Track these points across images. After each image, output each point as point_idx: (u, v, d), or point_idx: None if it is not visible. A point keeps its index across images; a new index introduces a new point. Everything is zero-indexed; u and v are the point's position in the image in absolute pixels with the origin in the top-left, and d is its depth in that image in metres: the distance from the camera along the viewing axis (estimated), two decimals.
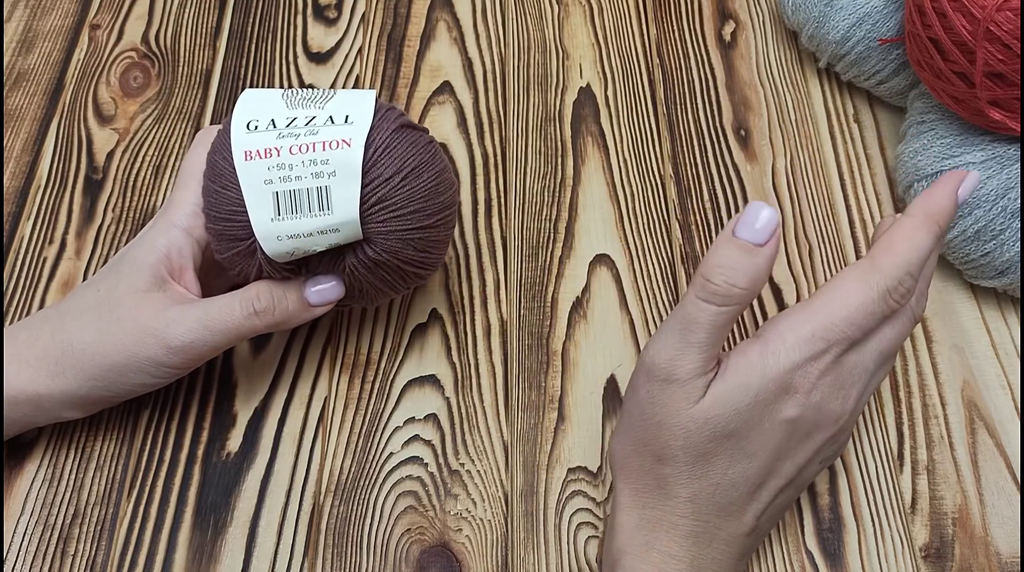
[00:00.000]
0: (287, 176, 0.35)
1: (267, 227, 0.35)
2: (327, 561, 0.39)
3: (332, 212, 0.35)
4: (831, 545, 0.40)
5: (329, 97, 0.37)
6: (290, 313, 0.38)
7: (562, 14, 0.56)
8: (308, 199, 0.35)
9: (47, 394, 0.38)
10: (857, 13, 0.47)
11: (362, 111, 0.36)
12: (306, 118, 0.36)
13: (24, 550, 0.40)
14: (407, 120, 0.38)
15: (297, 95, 0.37)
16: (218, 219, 0.37)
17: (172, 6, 0.57)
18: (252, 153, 0.35)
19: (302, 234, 0.35)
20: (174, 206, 0.39)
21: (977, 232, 0.42)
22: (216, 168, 0.37)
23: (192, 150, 0.40)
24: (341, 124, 0.35)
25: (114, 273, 0.39)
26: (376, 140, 0.36)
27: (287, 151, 0.35)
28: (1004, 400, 0.43)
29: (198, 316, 0.37)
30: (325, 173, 0.35)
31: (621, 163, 0.50)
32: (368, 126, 0.36)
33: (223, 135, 0.37)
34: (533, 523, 0.40)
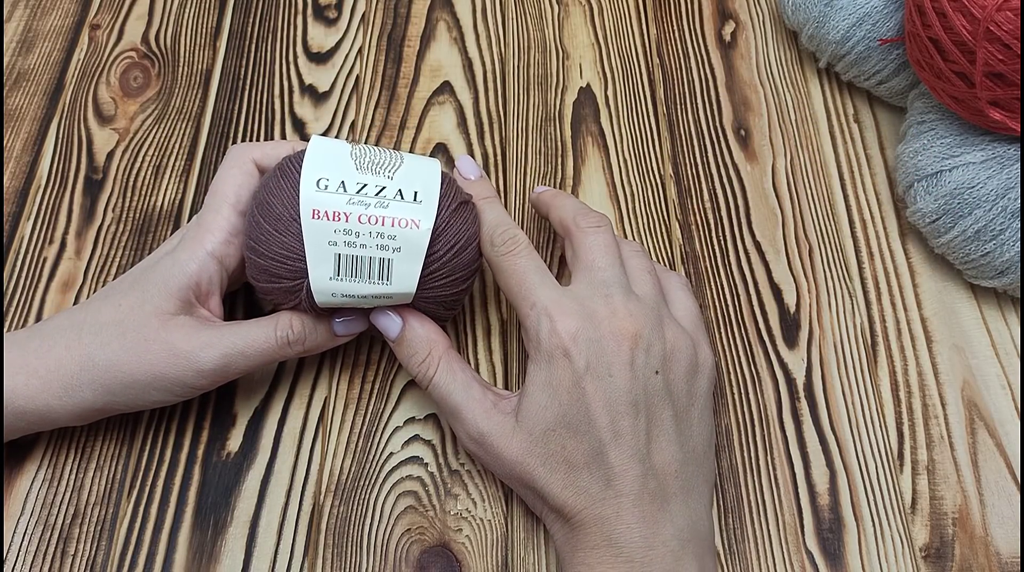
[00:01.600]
0: (352, 242, 0.36)
1: (324, 284, 0.37)
2: (327, 561, 0.39)
3: (391, 283, 0.37)
4: (831, 545, 0.40)
5: (398, 164, 0.39)
6: (319, 342, 0.40)
7: (562, 14, 0.56)
8: (370, 267, 0.37)
9: (57, 405, 0.37)
10: (857, 13, 0.47)
11: (430, 189, 0.38)
12: (376, 187, 0.37)
13: (24, 550, 0.40)
14: (461, 195, 0.40)
15: (366, 155, 0.39)
16: (265, 256, 0.37)
17: (172, 6, 0.57)
18: (320, 213, 0.36)
19: (357, 295, 0.37)
20: (206, 231, 0.39)
21: (977, 232, 0.42)
22: (271, 210, 0.37)
23: (225, 169, 0.40)
24: (410, 202, 0.37)
25: (138, 290, 0.38)
26: (438, 219, 0.37)
27: (356, 218, 0.36)
28: (1004, 400, 0.43)
29: (233, 342, 0.38)
30: (391, 247, 0.36)
31: (621, 163, 0.50)
32: (436, 208, 0.37)
33: (283, 178, 0.37)
34: (533, 523, 0.40)
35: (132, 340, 0.37)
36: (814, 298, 0.46)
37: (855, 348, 0.44)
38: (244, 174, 0.40)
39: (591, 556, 0.34)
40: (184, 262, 0.38)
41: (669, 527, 0.35)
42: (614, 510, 0.34)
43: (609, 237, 0.39)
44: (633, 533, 0.34)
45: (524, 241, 0.39)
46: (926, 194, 0.44)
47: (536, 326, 0.36)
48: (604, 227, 0.40)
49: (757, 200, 0.49)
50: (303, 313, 0.39)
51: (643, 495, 0.35)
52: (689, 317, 0.40)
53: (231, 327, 0.38)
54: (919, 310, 0.45)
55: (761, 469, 0.41)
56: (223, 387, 0.43)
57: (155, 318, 0.37)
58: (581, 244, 0.39)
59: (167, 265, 0.39)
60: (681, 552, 0.34)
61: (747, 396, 0.43)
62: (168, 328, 0.37)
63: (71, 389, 0.37)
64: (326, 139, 0.39)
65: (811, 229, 0.48)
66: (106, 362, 0.37)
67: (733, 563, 0.39)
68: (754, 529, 0.40)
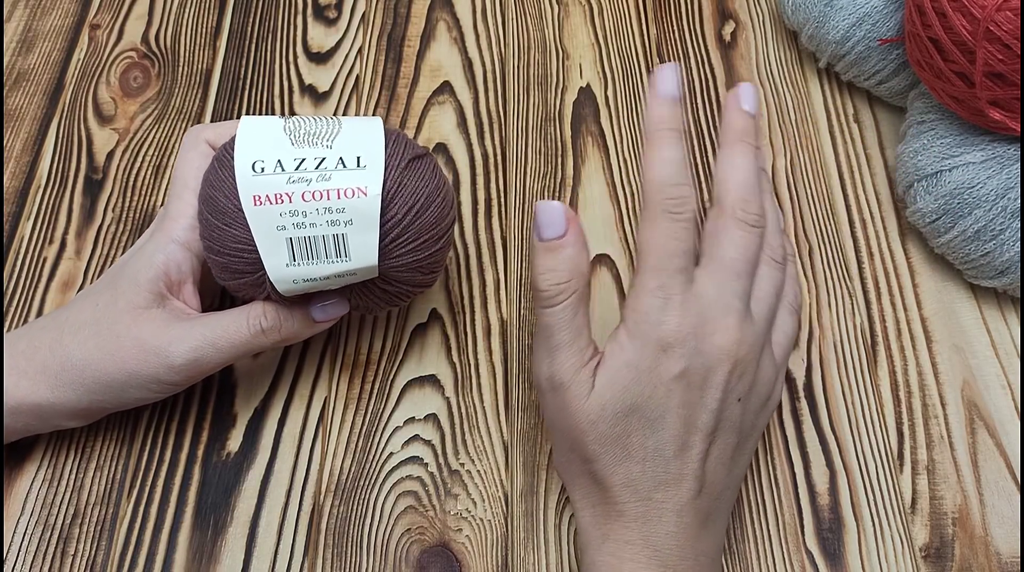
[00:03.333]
0: (301, 223, 0.34)
1: (282, 272, 0.35)
2: (327, 561, 0.39)
3: (350, 259, 0.35)
4: (831, 545, 0.40)
5: (335, 131, 0.36)
6: (295, 331, 0.38)
7: (562, 14, 0.56)
8: (324, 246, 0.34)
9: (47, 405, 0.37)
10: (857, 13, 0.47)
11: (373, 151, 0.35)
12: (315, 159, 0.35)
13: (24, 550, 0.40)
14: (413, 150, 0.37)
15: (300, 127, 0.36)
16: (221, 253, 0.36)
17: (172, 6, 0.57)
18: (262, 198, 0.34)
19: (318, 278, 0.35)
20: (170, 219, 0.38)
21: (977, 232, 0.42)
22: (216, 205, 0.35)
23: (183, 154, 0.39)
24: (354, 168, 0.34)
25: (112, 288, 0.38)
26: (388, 180, 0.35)
27: (299, 197, 0.34)
28: (1004, 400, 0.43)
29: (204, 334, 0.37)
30: (341, 221, 0.34)
31: (621, 163, 0.50)
32: (382, 169, 0.35)
33: (221, 169, 0.36)
34: (533, 523, 0.40)
35: (106, 338, 0.37)
36: (814, 298, 0.46)
37: (855, 348, 0.44)
38: (200, 156, 0.39)
39: (624, 550, 0.34)
40: (151, 254, 0.38)
41: (704, 544, 0.34)
42: (658, 513, 0.34)
43: (756, 244, 0.36)
44: (671, 540, 0.33)
45: (693, 213, 0.35)
46: (926, 194, 0.44)
47: (651, 306, 0.34)
48: (756, 230, 0.36)
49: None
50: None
51: (688, 509, 0.34)
52: (784, 347, 0.38)
53: (202, 319, 0.38)
54: (919, 310, 0.45)
55: (761, 469, 0.41)
56: (223, 387, 0.43)
57: (127, 314, 0.37)
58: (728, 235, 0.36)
59: (136, 259, 0.38)
60: (709, 568, 0.34)
61: None
62: (139, 323, 0.37)
63: (56, 389, 0.37)
64: (257, 118, 0.36)
65: (811, 229, 0.48)
66: (83, 362, 0.37)
67: (733, 563, 0.39)
68: (754, 529, 0.40)
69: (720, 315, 0.34)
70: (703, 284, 0.35)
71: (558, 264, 0.34)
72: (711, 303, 0.34)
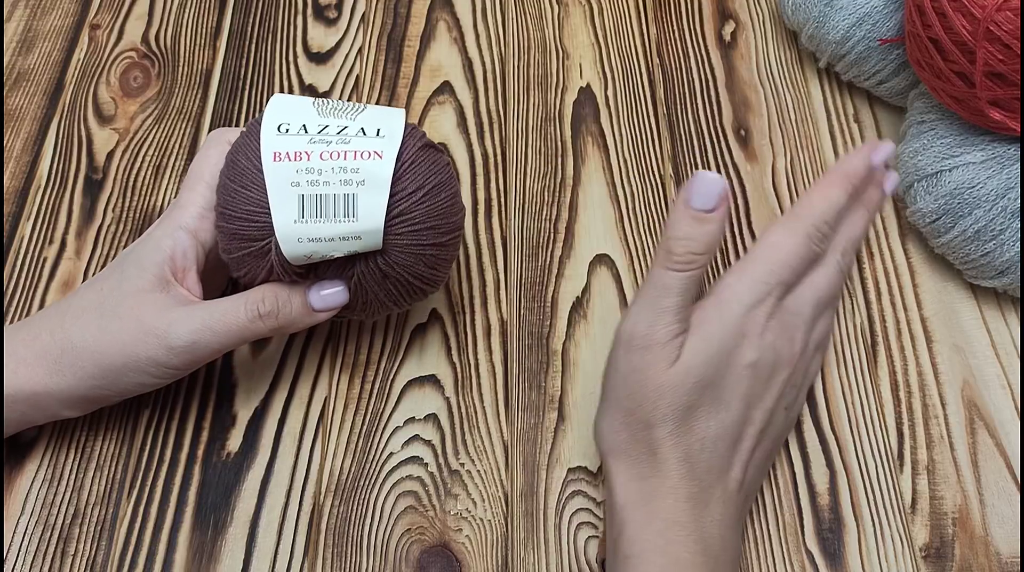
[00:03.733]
0: (315, 181, 0.35)
1: (289, 228, 0.35)
2: (327, 561, 0.39)
3: (357, 219, 0.35)
4: (831, 545, 0.40)
5: (360, 110, 0.38)
6: (293, 317, 0.38)
7: (562, 14, 0.56)
8: (334, 205, 0.35)
9: (44, 392, 0.38)
10: (857, 13, 0.47)
11: (393, 126, 0.37)
12: (338, 127, 0.37)
13: (24, 550, 0.40)
14: (429, 140, 0.39)
15: (328, 105, 0.38)
16: (233, 218, 0.37)
17: (172, 6, 0.57)
18: (281, 155, 0.35)
19: (324, 238, 0.36)
20: (181, 208, 0.39)
21: (977, 232, 0.42)
22: (237, 167, 0.37)
23: (203, 151, 0.40)
24: (373, 137, 0.36)
25: (117, 272, 0.39)
26: (403, 155, 0.37)
27: (317, 156, 0.35)
28: (1004, 400, 0.43)
29: (202, 317, 0.37)
30: (354, 181, 0.35)
31: (621, 163, 0.50)
32: (399, 141, 0.36)
33: (248, 136, 0.38)
34: (533, 523, 0.40)
35: (108, 319, 0.37)
36: None
37: (855, 348, 0.44)
38: (219, 154, 0.40)
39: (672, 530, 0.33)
40: (158, 238, 0.38)
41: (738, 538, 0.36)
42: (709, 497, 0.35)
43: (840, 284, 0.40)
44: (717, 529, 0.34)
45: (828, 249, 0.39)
46: (926, 194, 0.44)
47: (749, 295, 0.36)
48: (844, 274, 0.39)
49: (757, 200, 0.49)
50: (278, 286, 0.38)
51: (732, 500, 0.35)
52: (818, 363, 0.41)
53: (203, 303, 0.38)
54: (919, 310, 0.45)
55: None
56: (223, 387, 0.43)
57: (130, 297, 0.37)
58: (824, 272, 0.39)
59: (143, 244, 0.39)
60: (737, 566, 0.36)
61: None
62: (141, 305, 0.37)
63: (54, 374, 0.37)
64: (289, 95, 0.39)
65: None
66: (83, 344, 0.37)
67: None
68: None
69: (798, 329, 0.37)
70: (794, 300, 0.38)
71: (700, 235, 0.35)
72: (794, 317, 0.37)
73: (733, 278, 0.37)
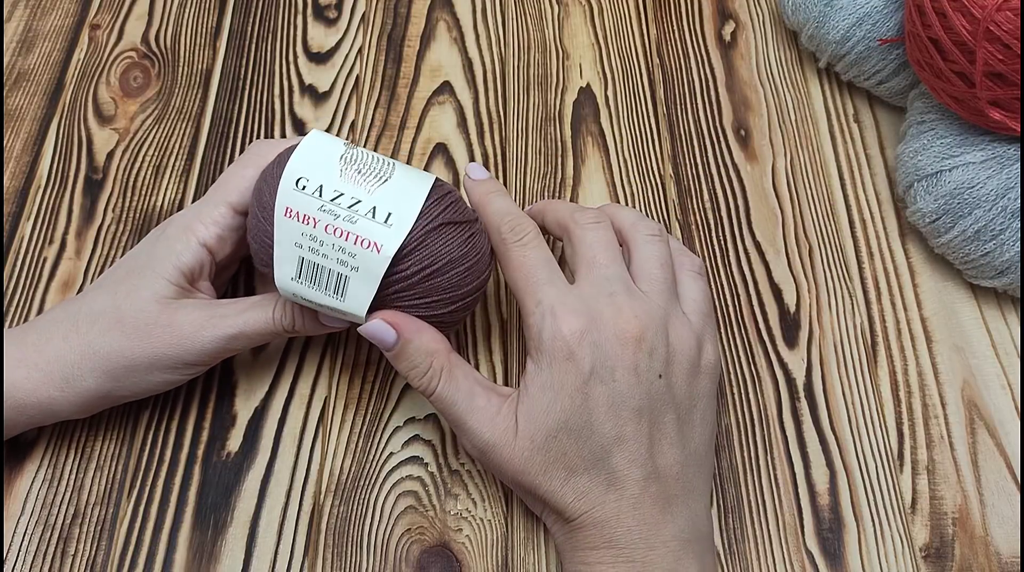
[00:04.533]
0: (315, 249, 0.36)
1: (286, 282, 0.36)
2: (327, 561, 0.39)
3: (344, 300, 0.36)
4: (831, 545, 0.40)
5: (384, 177, 0.36)
6: (310, 329, 0.40)
7: (562, 14, 0.56)
8: (327, 279, 0.36)
9: (59, 397, 0.38)
10: (857, 13, 0.47)
11: (406, 211, 0.36)
12: (352, 200, 0.35)
13: (24, 550, 0.40)
14: (452, 214, 0.37)
15: (355, 162, 0.37)
16: (255, 240, 0.38)
17: (172, 6, 0.57)
18: (292, 212, 0.36)
19: (313, 302, 0.37)
20: (202, 223, 0.39)
21: (977, 232, 0.42)
22: (262, 198, 0.37)
23: (238, 165, 0.40)
24: (380, 223, 0.35)
25: (134, 278, 0.39)
26: (410, 238, 0.35)
27: (323, 228, 0.35)
28: (1004, 400, 0.43)
29: (234, 323, 0.38)
30: (349, 264, 0.35)
31: (621, 163, 0.50)
32: (405, 233, 0.35)
33: (275, 168, 0.37)
34: (533, 523, 0.40)
35: (131, 325, 0.38)
36: (814, 298, 0.46)
37: (855, 348, 0.44)
38: (256, 174, 0.40)
39: (591, 556, 0.34)
40: (179, 252, 0.39)
41: (670, 528, 0.35)
42: (614, 513, 0.34)
43: (609, 233, 0.39)
44: (633, 535, 0.34)
45: (534, 231, 0.38)
46: (926, 194, 0.44)
47: (540, 325, 0.36)
48: (603, 223, 0.39)
49: (757, 200, 0.49)
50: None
51: (644, 498, 0.35)
52: (698, 311, 0.38)
53: (231, 306, 0.39)
54: (919, 310, 0.45)
55: (761, 469, 0.41)
56: (223, 387, 0.43)
57: (153, 304, 0.38)
58: (581, 241, 0.38)
59: (162, 253, 0.39)
60: (682, 552, 0.34)
61: (747, 396, 0.43)
62: (168, 311, 0.38)
63: (72, 379, 0.37)
64: (324, 136, 0.37)
65: (811, 229, 0.48)
66: (106, 349, 0.37)
67: (733, 563, 0.39)
68: (754, 529, 0.40)
69: (605, 305, 0.36)
70: (579, 284, 0.37)
71: (413, 360, 0.37)
72: (591, 297, 0.36)
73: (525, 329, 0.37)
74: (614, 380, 0.35)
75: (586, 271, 0.37)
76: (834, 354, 0.44)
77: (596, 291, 0.36)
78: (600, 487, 0.35)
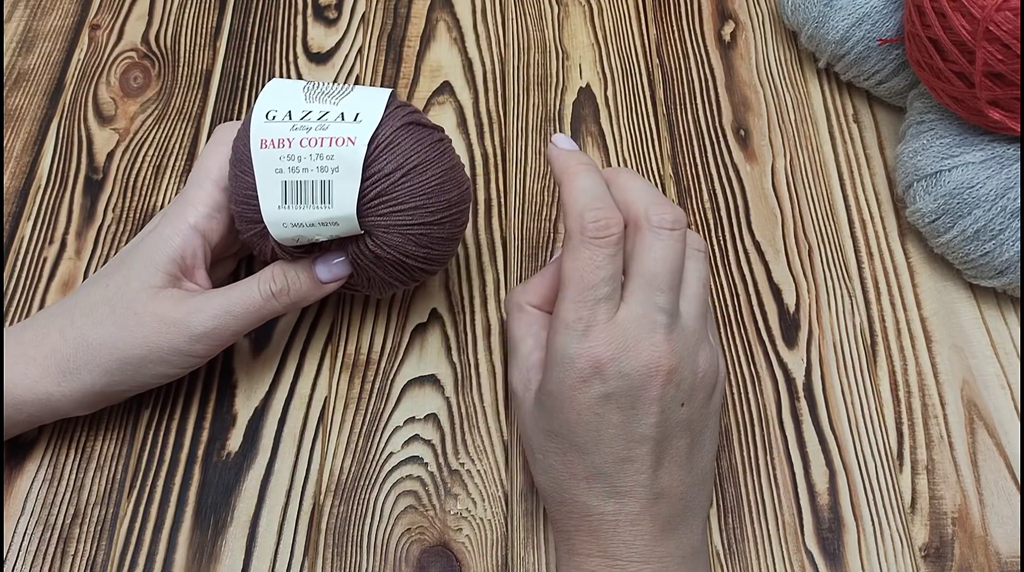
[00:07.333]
0: (295, 167, 0.36)
1: (275, 214, 0.36)
2: (327, 561, 0.39)
3: (332, 206, 0.36)
4: (831, 545, 0.40)
5: (346, 93, 0.38)
6: (304, 292, 0.39)
7: (562, 14, 0.56)
8: (312, 191, 0.36)
9: (57, 392, 0.38)
10: (856, 13, 0.47)
11: (373, 109, 0.37)
12: (320, 112, 0.37)
13: (24, 550, 0.40)
14: (418, 117, 0.38)
15: (317, 88, 0.38)
16: (237, 201, 0.38)
17: (172, 6, 0.57)
18: (267, 142, 0.36)
19: (305, 223, 0.36)
20: (189, 205, 0.39)
21: (977, 232, 0.42)
22: (238, 153, 0.38)
23: (212, 146, 0.40)
24: (350, 122, 0.36)
25: (125, 269, 0.39)
26: (380, 136, 0.37)
27: (297, 143, 0.36)
28: (1004, 400, 0.43)
29: (220, 302, 0.38)
30: (329, 168, 0.36)
31: (621, 163, 0.50)
32: (375, 125, 0.36)
33: (245, 123, 0.38)
34: (533, 523, 0.40)
35: (122, 316, 0.37)
36: (814, 298, 0.46)
37: (855, 348, 0.44)
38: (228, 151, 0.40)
39: (585, 562, 0.34)
40: (168, 237, 0.39)
41: (666, 545, 0.34)
42: (611, 527, 0.34)
43: (681, 246, 0.35)
44: (629, 549, 0.33)
45: (619, 234, 0.34)
46: (925, 194, 0.44)
47: (567, 341, 0.33)
48: (678, 233, 0.34)
49: (757, 200, 0.49)
50: (285, 264, 0.39)
51: (644, 516, 0.34)
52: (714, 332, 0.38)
53: (218, 290, 0.39)
54: (919, 310, 0.45)
55: (761, 469, 0.41)
56: (223, 386, 0.43)
57: (143, 293, 0.38)
58: (648, 249, 0.34)
59: (151, 241, 0.39)
60: (676, 568, 0.34)
61: (747, 396, 0.43)
62: (156, 300, 0.38)
63: (69, 373, 0.37)
64: (284, 80, 0.39)
65: (811, 229, 0.48)
66: (99, 341, 0.37)
67: (733, 563, 0.39)
68: (754, 529, 0.40)
69: (646, 335, 0.33)
70: (627, 306, 0.34)
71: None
72: (635, 324, 0.33)
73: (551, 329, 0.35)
74: (632, 408, 0.33)
75: (641, 288, 0.34)
76: (834, 354, 0.44)
77: (641, 315, 0.33)
78: (598, 499, 0.34)
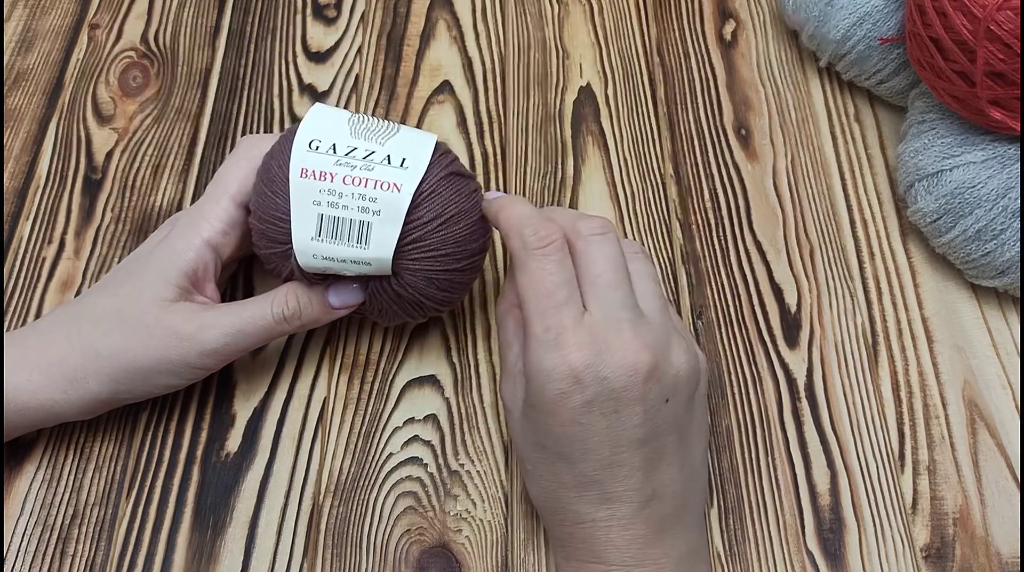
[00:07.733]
0: (335, 203, 0.36)
1: (306, 244, 0.37)
2: (327, 561, 0.39)
3: (369, 247, 0.36)
4: (832, 545, 0.40)
5: (392, 133, 0.39)
6: (315, 316, 0.40)
7: (562, 13, 0.56)
8: (350, 230, 0.36)
9: (62, 400, 0.38)
10: (857, 12, 0.47)
11: (419, 156, 0.37)
12: (365, 151, 0.37)
13: (24, 550, 0.40)
14: (458, 167, 0.39)
15: (363, 124, 0.39)
16: (263, 219, 0.38)
17: (171, 6, 0.57)
18: (308, 172, 0.36)
19: (336, 259, 0.37)
20: (205, 219, 0.39)
21: (978, 232, 0.42)
22: (270, 172, 0.38)
23: (233, 160, 0.40)
24: (396, 167, 0.37)
25: (136, 280, 0.39)
26: (424, 184, 0.37)
27: (340, 179, 0.36)
28: (1005, 400, 0.43)
29: (233, 322, 0.38)
30: (371, 210, 0.36)
31: (621, 162, 0.50)
32: (421, 174, 0.37)
33: (284, 143, 0.38)
34: (533, 523, 0.40)
35: (133, 327, 0.37)
36: (815, 298, 0.46)
37: (856, 348, 0.44)
38: (250, 166, 0.40)
39: (582, 569, 0.34)
40: (181, 251, 0.39)
41: (661, 546, 0.34)
42: (604, 532, 0.33)
43: (616, 247, 0.35)
44: (623, 553, 0.33)
45: (560, 242, 0.35)
46: (927, 194, 0.44)
47: (540, 353, 0.33)
48: (609, 235, 0.36)
49: (758, 200, 0.49)
50: (299, 287, 0.39)
51: (636, 519, 0.33)
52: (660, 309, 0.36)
53: (230, 307, 0.39)
54: (920, 310, 0.45)
55: (761, 469, 0.41)
56: (222, 387, 0.43)
57: (154, 305, 0.38)
58: (586, 255, 0.35)
59: (164, 253, 0.39)
60: (672, 569, 0.34)
61: (747, 396, 0.43)
62: (168, 313, 0.38)
63: (75, 381, 0.37)
64: (328, 107, 0.39)
65: (812, 229, 0.48)
66: (109, 351, 0.37)
67: (733, 563, 0.39)
68: (754, 529, 0.40)
69: (614, 334, 0.33)
70: (589, 312, 0.34)
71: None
72: (602, 326, 0.33)
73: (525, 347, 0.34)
74: (616, 412, 0.33)
75: (595, 293, 0.34)
76: (835, 354, 0.44)
77: (604, 316, 0.34)
78: (589, 506, 0.34)
